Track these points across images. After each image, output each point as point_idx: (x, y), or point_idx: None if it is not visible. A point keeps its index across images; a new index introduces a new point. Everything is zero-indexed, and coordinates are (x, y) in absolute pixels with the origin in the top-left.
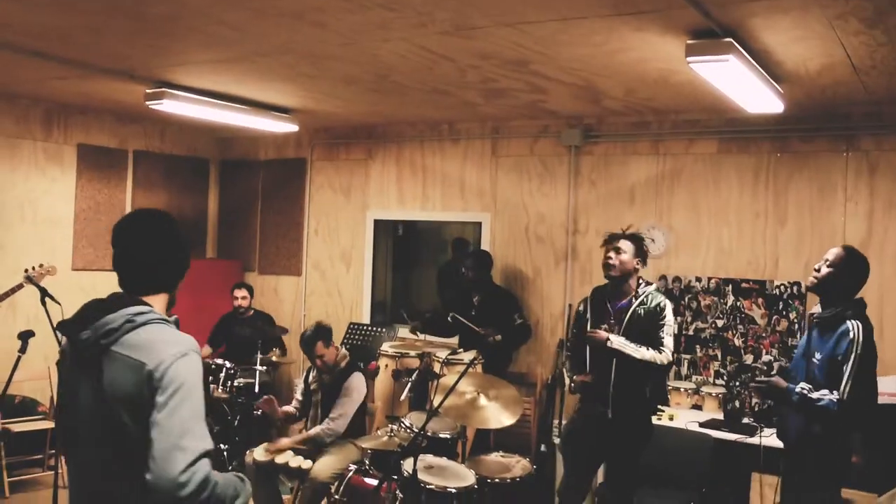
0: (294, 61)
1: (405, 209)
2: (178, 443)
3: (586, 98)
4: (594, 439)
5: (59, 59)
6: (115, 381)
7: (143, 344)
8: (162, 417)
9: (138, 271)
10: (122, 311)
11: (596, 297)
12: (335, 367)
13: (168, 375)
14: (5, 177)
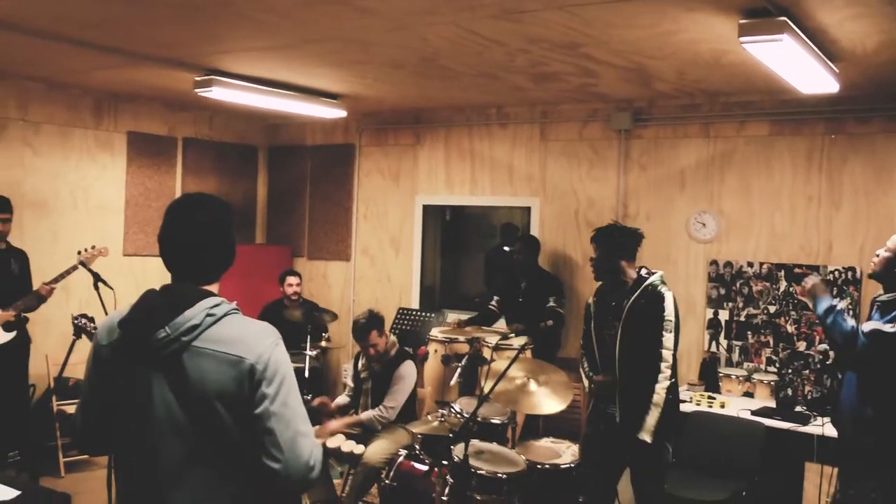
0: (342, 47)
1: (454, 194)
2: (298, 429)
3: (636, 81)
4: (609, 442)
5: (110, 49)
6: (206, 376)
7: (234, 338)
8: (277, 408)
9: (197, 258)
10: (198, 305)
11: (600, 294)
12: (385, 355)
13: (271, 367)
14: (58, 164)
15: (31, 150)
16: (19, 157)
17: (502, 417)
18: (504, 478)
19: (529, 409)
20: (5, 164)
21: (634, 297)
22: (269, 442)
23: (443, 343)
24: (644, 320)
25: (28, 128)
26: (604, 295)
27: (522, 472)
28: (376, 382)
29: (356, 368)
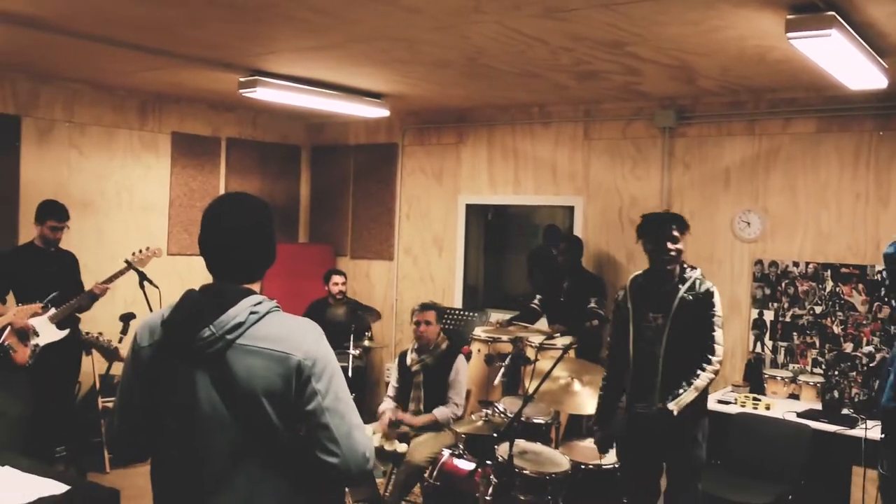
0: (387, 46)
1: (497, 193)
2: (353, 422)
3: (681, 78)
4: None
5: (155, 51)
6: (253, 373)
7: (280, 335)
8: (330, 402)
9: (243, 259)
10: (242, 303)
11: (636, 286)
12: (436, 349)
13: (319, 363)
14: (103, 165)
15: (77, 150)
16: (65, 158)
17: (546, 417)
18: (548, 478)
19: (573, 408)
20: (52, 164)
21: (684, 291)
22: (326, 437)
23: (486, 342)
24: (694, 315)
25: (74, 129)
26: (641, 288)
27: (566, 472)
28: (428, 374)
29: (403, 363)
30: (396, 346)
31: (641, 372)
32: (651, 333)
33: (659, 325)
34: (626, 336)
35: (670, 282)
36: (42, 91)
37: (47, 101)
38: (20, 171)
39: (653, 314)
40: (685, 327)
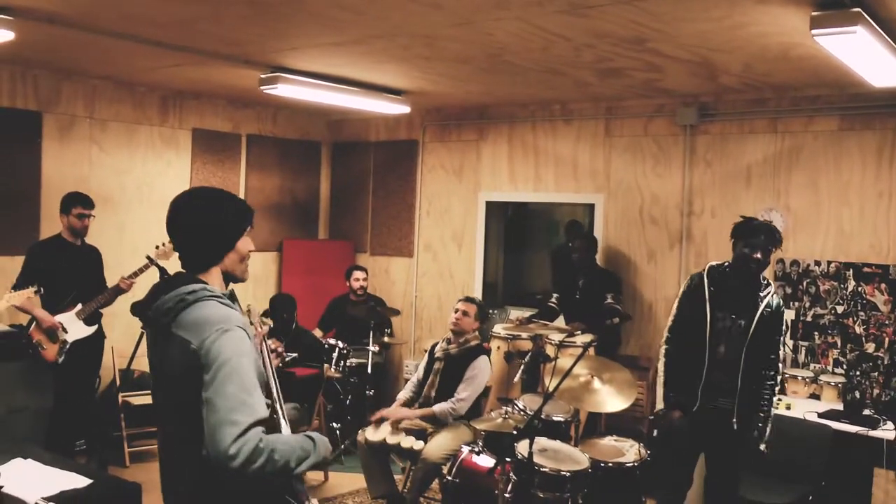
0: (408, 42)
1: (517, 190)
2: (227, 417)
3: (703, 75)
4: (704, 434)
5: (176, 47)
6: (169, 360)
7: (192, 322)
8: (210, 395)
9: (181, 249)
10: (176, 290)
11: (717, 282)
12: (465, 342)
13: (211, 353)
14: (124, 160)
15: (98, 146)
16: (86, 154)
17: (565, 415)
18: (567, 476)
19: (593, 406)
20: (73, 160)
21: (765, 302)
22: (205, 428)
23: (506, 340)
24: (767, 327)
25: (95, 125)
26: (719, 281)
27: (586, 469)
28: (448, 365)
29: (432, 353)
30: (416, 342)
31: (711, 368)
32: (724, 331)
33: (736, 327)
34: (700, 326)
35: (751, 288)
36: (63, 87)
37: (69, 97)
38: (41, 167)
39: (727, 313)
40: (760, 337)
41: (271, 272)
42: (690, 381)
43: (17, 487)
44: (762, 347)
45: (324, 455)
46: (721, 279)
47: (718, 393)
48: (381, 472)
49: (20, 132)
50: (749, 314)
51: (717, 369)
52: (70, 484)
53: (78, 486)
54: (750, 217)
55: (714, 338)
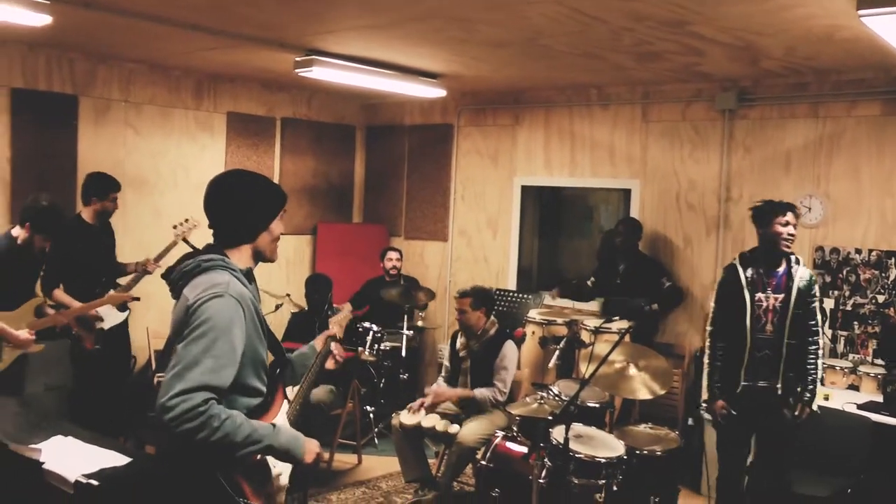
0: (444, 25)
1: (553, 175)
2: (179, 372)
3: (743, 59)
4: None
5: (211, 31)
6: (174, 319)
7: (196, 284)
8: (179, 347)
9: (218, 225)
10: (198, 258)
11: (750, 263)
12: (483, 334)
13: (197, 311)
14: (159, 144)
15: (133, 130)
16: (122, 137)
17: (601, 401)
18: (603, 462)
19: (628, 393)
20: (108, 143)
21: (799, 275)
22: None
23: (541, 325)
24: (803, 299)
25: (130, 109)
26: (752, 266)
27: (621, 457)
28: (475, 361)
29: (454, 347)
30: (450, 327)
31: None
32: (766, 312)
33: (777, 307)
34: (740, 311)
35: (783, 265)
36: (99, 71)
37: (104, 80)
38: (77, 150)
39: (767, 294)
40: (799, 309)
41: (305, 255)
42: (733, 364)
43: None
44: (803, 318)
45: (288, 448)
46: (754, 263)
47: (761, 373)
48: (414, 456)
49: (57, 115)
50: (786, 290)
51: (760, 348)
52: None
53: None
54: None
55: (756, 320)
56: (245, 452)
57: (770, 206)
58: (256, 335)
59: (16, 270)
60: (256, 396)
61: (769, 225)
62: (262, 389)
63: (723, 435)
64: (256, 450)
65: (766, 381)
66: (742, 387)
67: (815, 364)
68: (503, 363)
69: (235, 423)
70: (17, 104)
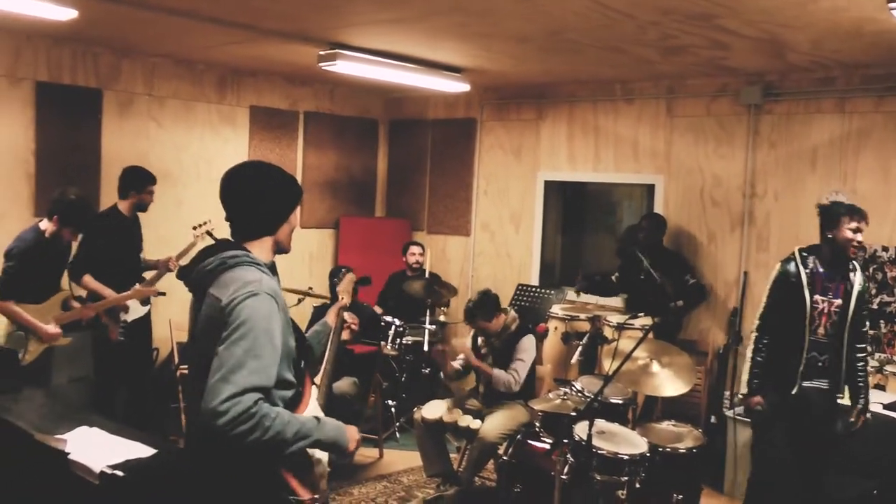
0: (468, 19)
1: (576, 170)
2: (226, 375)
3: (769, 53)
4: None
5: (235, 24)
6: (204, 318)
7: (226, 283)
8: (220, 350)
9: (234, 218)
10: (219, 254)
11: (807, 263)
12: (504, 331)
13: (234, 312)
14: (182, 137)
15: (156, 123)
16: (145, 130)
17: (624, 398)
18: (626, 459)
19: (651, 390)
20: (132, 136)
21: (857, 276)
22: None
23: (563, 320)
24: (862, 302)
25: (153, 102)
26: (815, 267)
27: (644, 454)
28: (497, 357)
29: (475, 343)
30: None
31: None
32: (823, 314)
33: (833, 311)
34: (798, 311)
35: (845, 267)
36: (123, 65)
37: (128, 74)
38: (101, 143)
39: (827, 297)
40: (857, 314)
41: (328, 249)
42: (788, 365)
43: (83, 455)
44: (858, 324)
45: (334, 439)
46: (815, 262)
47: (816, 375)
48: (436, 450)
49: (81, 109)
50: (845, 295)
51: (816, 351)
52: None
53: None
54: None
55: (813, 321)
56: (295, 448)
57: (841, 208)
58: (287, 328)
59: (43, 264)
60: (290, 389)
61: (837, 228)
62: (294, 381)
63: (761, 435)
64: (305, 445)
65: (817, 385)
66: (797, 389)
67: (865, 370)
68: (519, 354)
69: (284, 420)
70: (42, 98)
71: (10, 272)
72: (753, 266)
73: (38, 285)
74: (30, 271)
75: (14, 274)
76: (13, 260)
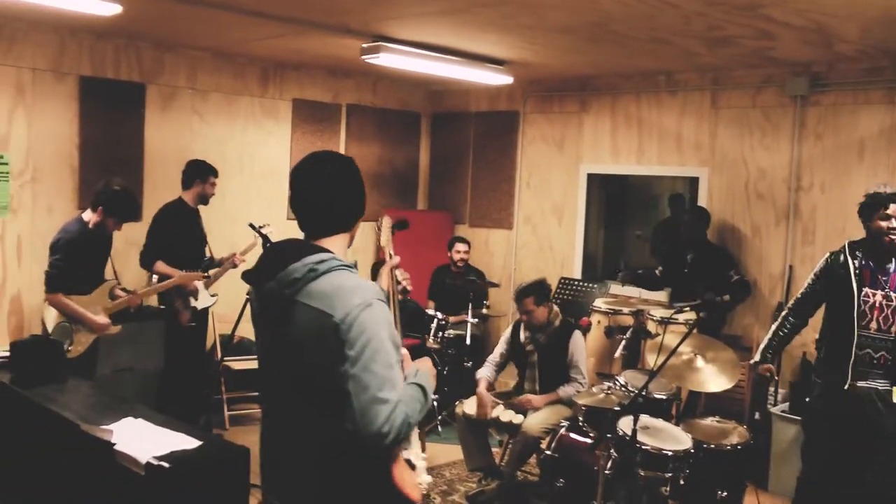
0: (513, 11)
1: (619, 163)
2: (376, 395)
3: (816, 43)
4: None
5: (278, 18)
6: (302, 332)
7: (328, 293)
8: (356, 371)
9: (314, 212)
10: (304, 259)
11: (856, 255)
12: (549, 325)
13: (355, 328)
14: (225, 130)
15: (199, 117)
16: (188, 124)
17: (667, 393)
18: (670, 455)
19: (696, 385)
20: (175, 130)
21: None
22: (347, 403)
23: (606, 314)
24: None
25: (196, 96)
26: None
27: (689, 450)
28: (543, 354)
29: (517, 338)
30: (514, 315)
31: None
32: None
33: (884, 304)
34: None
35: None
36: (166, 59)
37: (171, 68)
38: (144, 137)
39: (876, 290)
40: None
41: (370, 242)
42: (839, 359)
43: (128, 445)
44: None
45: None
46: (864, 255)
47: (864, 373)
48: (478, 445)
49: (125, 103)
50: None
51: (869, 346)
52: (180, 444)
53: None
54: (870, 192)
55: (862, 316)
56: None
57: (872, 199)
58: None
59: (88, 255)
60: None
61: (871, 219)
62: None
63: (811, 434)
64: (427, 404)
65: (872, 384)
66: (848, 384)
67: None
68: (576, 358)
69: (413, 407)
70: (86, 92)
71: (57, 265)
72: (799, 260)
73: (84, 276)
74: (76, 263)
75: (61, 266)
76: (59, 252)
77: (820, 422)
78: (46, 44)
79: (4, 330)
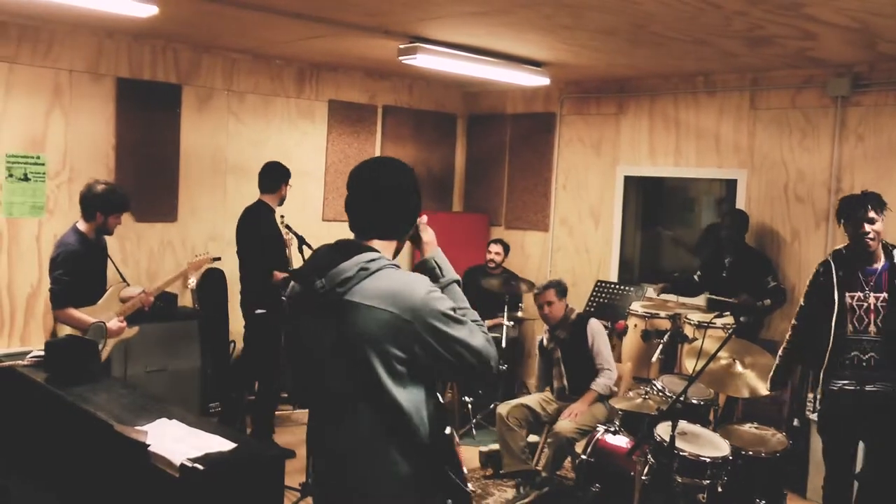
0: (552, 11)
1: (657, 165)
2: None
3: (859, 43)
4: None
5: (316, 19)
6: (359, 330)
7: (387, 292)
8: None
9: (371, 216)
10: (355, 258)
11: (840, 261)
12: (565, 320)
13: (422, 318)
14: (261, 131)
15: (235, 118)
16: (224, 125)
17: (705, 398)
18: (708, 462)
19: (734, 391)
20: (211, 130)
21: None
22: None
23: (643, 318)
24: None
25: (233, 97)
26: (845, 264)
27: (727, 457)
28: (566, 348)
29: (542, 348)
30: None
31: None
32: (867, 313)
33: (879, 306)
34: (827, 310)
35: (880, 261)
36: (203, 61)
37: (207, 70)
38: (181, 138)
39: (867, 293)
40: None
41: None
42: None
43: (162, 447)
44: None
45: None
46: (849, 261)
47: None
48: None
49: (161, 104)
50: (890, 287)
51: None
52: (215, 446)
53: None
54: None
55: (858, 320)
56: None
57: (846, 202)
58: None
59: (91, 264)
60: None
61: (847, 222)
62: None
63: (827, 440)
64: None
65: (875, 385)
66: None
67: None
68: (598, 345)
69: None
70: (123, 93)
71: (61, 279)
72: None
73: (88, 286)
74: (79, 275)
75: (66, 280)
76: (61, 267)
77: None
78: (84, 45)
79: (40, 329)
